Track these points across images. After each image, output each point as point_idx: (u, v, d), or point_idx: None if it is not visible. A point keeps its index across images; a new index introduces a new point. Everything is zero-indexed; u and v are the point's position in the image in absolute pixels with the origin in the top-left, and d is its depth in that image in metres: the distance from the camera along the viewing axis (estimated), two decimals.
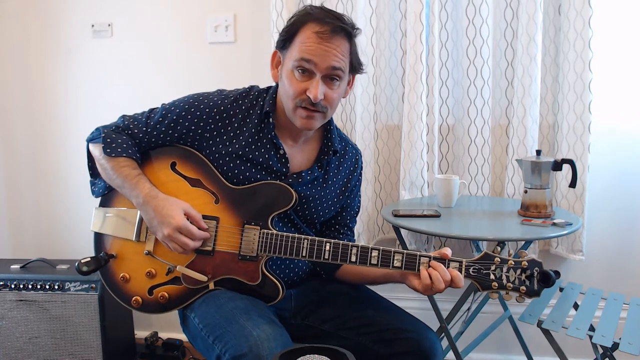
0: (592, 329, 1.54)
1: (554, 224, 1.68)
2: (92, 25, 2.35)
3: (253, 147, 1.35)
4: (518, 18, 1.99)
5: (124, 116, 1.42)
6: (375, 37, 2.09)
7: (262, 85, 1.43)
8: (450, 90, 2.11)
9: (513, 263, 1.18)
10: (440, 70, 2.08)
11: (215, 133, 1.35)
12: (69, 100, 2.42)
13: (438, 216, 1.78)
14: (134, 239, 1.36)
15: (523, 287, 1.16)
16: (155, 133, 1.37)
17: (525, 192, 1.80)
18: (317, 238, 1.27)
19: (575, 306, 1.73)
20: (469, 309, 1.84)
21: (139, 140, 1.38)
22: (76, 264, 1.34)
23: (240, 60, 2.25)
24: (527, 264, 1.17)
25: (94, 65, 2.37)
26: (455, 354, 1.80)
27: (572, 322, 1.55)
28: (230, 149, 1.35)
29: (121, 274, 1.38)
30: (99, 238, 1.43)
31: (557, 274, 1.15)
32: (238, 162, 1.34)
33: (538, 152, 1.83)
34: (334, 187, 1.45)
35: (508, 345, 2.21)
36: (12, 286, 2.05)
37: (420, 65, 1.99)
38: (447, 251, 1.21)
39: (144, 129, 1.38)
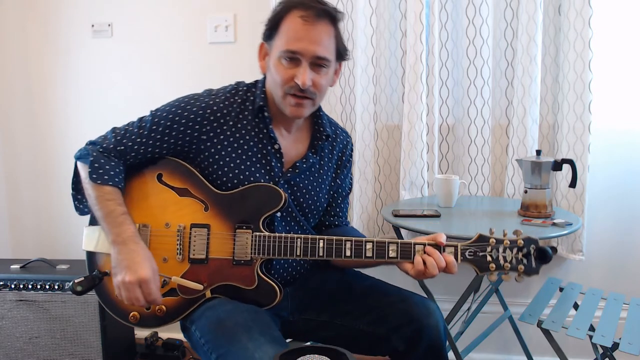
0: (592, 329, 1.54)
1: (554, 224, 1.68)
2: (92, 25, 2.34)
3: (251, 143, 1.35)
4: (518, 18, 1.99)
5: (114, 129, 1.36)
6: (375, 37, 2.09)
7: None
8: (450, 90, 2.11)
9: (509, 242, 1.17)
10: (440, 70, 2.08)
11: (212, 134, 1.33)
12: (68, 100, 2.42)
13: (438, 216, 1.78)
14: None
15: (521, 266, 1.15)
16: (151, 142, 1.32)
17: (525, 192, 1.80)
18: (310, 236, 1.26)
19: (575, 306, 1.73)
20: (469, 309, 1.84)
21: (135, 152, 1.33)
22: (70, 284, 1.28)
23: (240, 60, 2.25)
24: (522, 242, 1.16)
25: (94, 65, 2.37)
26: (455, 354, 1.80)
27: (572, 322, 1.55)
28: (229, 149, 1.34)
29: None
30: (91, 257, 1.38)
31: (554, 249, 1.15)
32: (238, 161, 1.34)
33: (538, 152, 1.83)
34: (328, 173, 1.46)
35: (508, 345, 2.21)
36: (12, 286, 2.05)
37: (420, 65, 1.99)
38: (442, 238, 1.20)
39: (138, 139, 1.32)
